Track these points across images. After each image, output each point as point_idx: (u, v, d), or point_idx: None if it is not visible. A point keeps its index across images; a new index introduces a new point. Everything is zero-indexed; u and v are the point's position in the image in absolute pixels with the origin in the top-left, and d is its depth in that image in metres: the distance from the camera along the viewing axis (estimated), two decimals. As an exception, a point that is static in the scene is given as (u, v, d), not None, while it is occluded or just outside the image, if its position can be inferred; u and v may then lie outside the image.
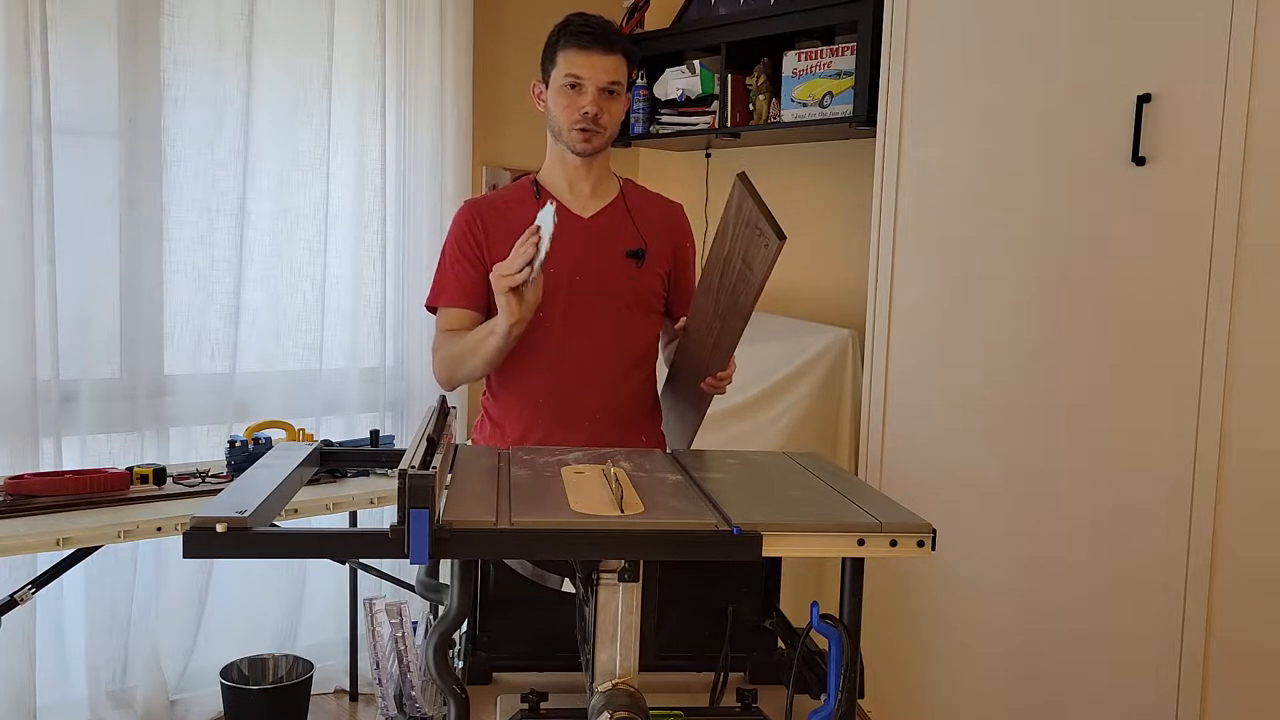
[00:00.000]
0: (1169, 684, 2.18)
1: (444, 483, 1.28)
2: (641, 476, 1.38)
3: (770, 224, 1.45)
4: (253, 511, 1.10)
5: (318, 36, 3.08)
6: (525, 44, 3.61)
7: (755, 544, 1.15)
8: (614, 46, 1.91)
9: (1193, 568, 2.14)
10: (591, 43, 1.90)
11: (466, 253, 1.98)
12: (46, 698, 2.80)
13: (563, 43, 1.93)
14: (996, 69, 2.45)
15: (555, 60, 1.94)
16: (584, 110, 1.91)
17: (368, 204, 3.24)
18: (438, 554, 1.10)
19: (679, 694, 1.42)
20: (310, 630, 3.28)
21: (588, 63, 1.90)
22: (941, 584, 2.61)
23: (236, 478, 1.30)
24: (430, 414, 1.43)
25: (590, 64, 1.90)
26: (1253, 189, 2.04)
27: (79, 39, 2.72)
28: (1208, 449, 2.11)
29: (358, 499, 2.62)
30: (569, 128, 1.94)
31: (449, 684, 1.19)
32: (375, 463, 1.80)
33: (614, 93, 1.93)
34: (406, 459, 1.18)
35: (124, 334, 2.85)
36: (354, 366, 3.26)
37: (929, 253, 2.61)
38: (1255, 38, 2.01)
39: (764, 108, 3.28)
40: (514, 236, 1.95)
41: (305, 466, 1.42)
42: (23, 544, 2.15)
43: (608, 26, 1.93)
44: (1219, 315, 2.09)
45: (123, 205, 2.81)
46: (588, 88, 1.91)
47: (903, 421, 2.69)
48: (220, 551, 1.07)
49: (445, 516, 1.13)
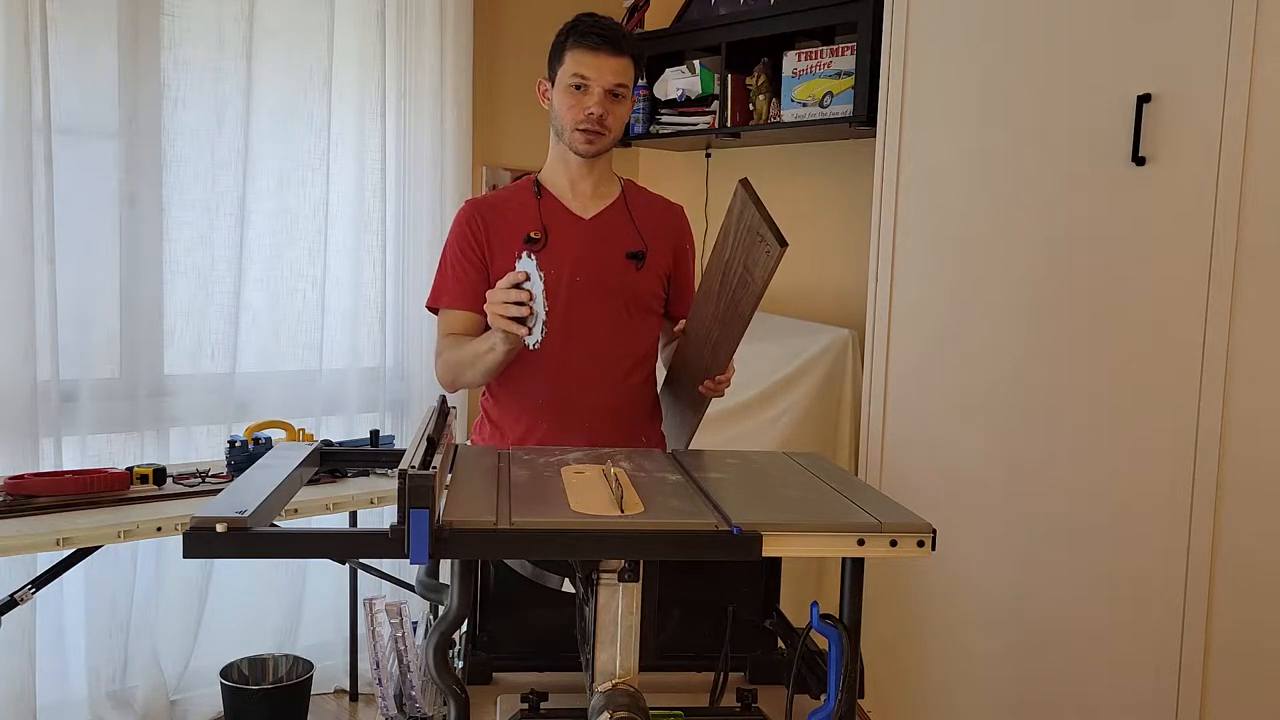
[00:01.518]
0: (1169, 684, 2.18)
1: (444, 483, 1.28)
2: (641, 476, 1.38)
3: (772, 230, 1.45)
4: (253, 511, 1.10)
5: (318, 36, 3.08)
6: (525, 44, 3.61)
7: (755, 544, 1.15)
8: (622, 49, 1.91)
9: (1193, 568, 2.14)
10: (600, 44, 1.89)
11: (467, 253, 1.98)
12: (46, 698, 2.79)
13: (571, 42, 1.92)
14: (996, 69, 2.45)
15: (563, 59, 1.93)
16: (589, 111, 1.91)
17: (368, 204, 3.24)
18: (438, 554, 1.10)
19: (679, 694, 1.42)
20: (310, 630, 3.28)
21: (595, 64, 1.89)
22: (941, 584, 2.61)
23: (236, 478, 1.30)
24: (430, 414, 1.43)
25: (597, 65, 1.89)
26: (1253, 189, 2.04)
27: (79, 39, 2.72)
28: (1208, 449, 2.11)
29: (358, 499, 2.62)
30: (573, 128, 1.93)
31: (449, 684, 1.19)
32: (375, 463, 1.80)
33: (619, 95, 1.93)
34: (406, 459, 1.18)
35: (124, 334, 2.85)
36: (354, 366, 3.26)
37: (929, 253, 2.61)
38: (1255, 38, 2.01)
39: (764, 108, 3.28)
40: (515, 236, 1.95)
41: (305, 466, 1.42)
42: (23, 544, 2.15)
43: (617, 28, 1.93)
44: (1219, 315, 2.09)
45: (123, 205, 2.81)
46: (594, 89, 1.90)
47: (903, 421, 2.69)
48: (220, 551, 1.07)
49: (445, 516, 1.13)
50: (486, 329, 1.84)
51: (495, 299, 1.72)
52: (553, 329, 1.84)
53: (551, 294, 1.79)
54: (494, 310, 1.73)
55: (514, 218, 1.98)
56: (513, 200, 2.02)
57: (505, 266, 1.83)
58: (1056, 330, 2.35)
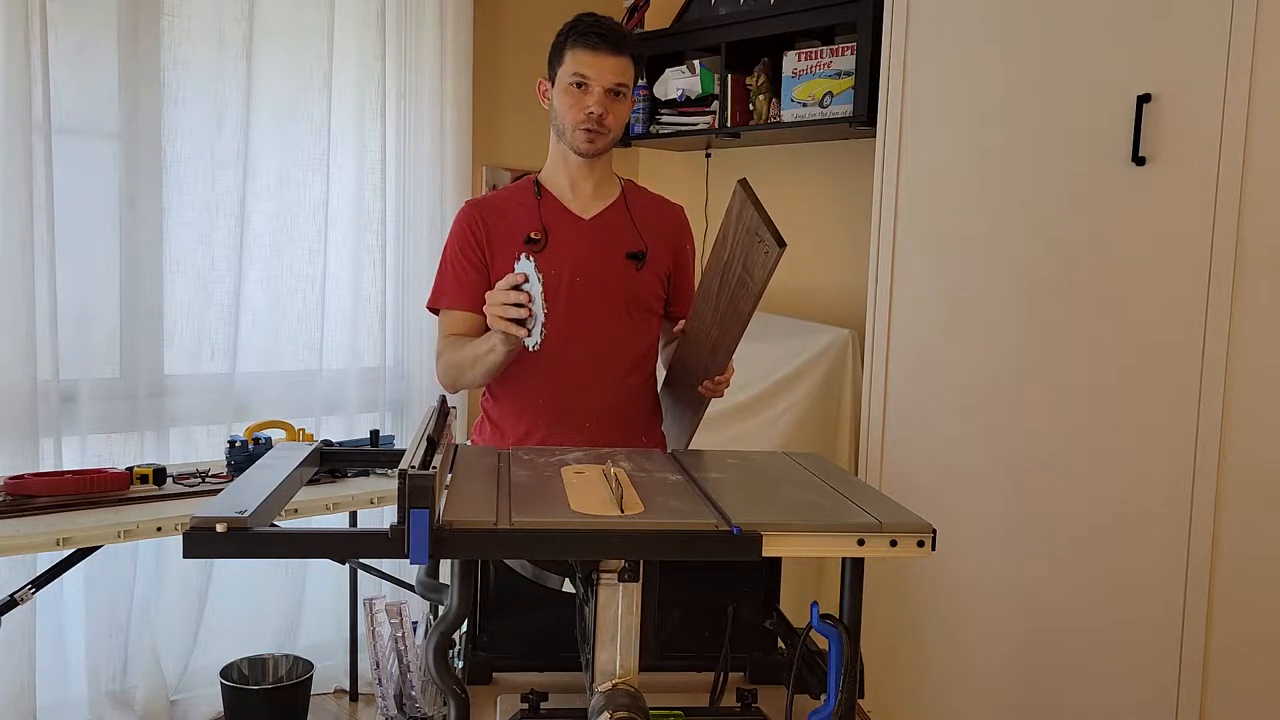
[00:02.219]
0: (1169, 684, 2.18)
1: (444, 483, 1.28)
2: (641, 476, 1.38)
3: (770, 231, 1.45)
4: (253, 512, 1.10)
5: (318, 36, 3.08)
6: (525, 44, 3.61)
7: (755, 544, 1.15)
8: (622, 48, 1.91)
9: (1193, 567, 2.14)
10: (600, 43, 1.89)
11: (468, 254, 1.98)
12: (46, 698, 2.79)
13: (571, 42, 1.92)
14: (996, 69, 2.45)
15: (563, 59, 1.93)
16: (589, 110, 1.91)
17: (368, 204, 3.24)
18: (438, 554, 1.10)
19: (679, 694, 1.42)
20: (310, 630, 3.28)
21: (595, 63, 1.89)
22: (941, 584, 2.61)
23: (236, 478, 1.30)
24: (430, 414, 1.43)
25: (598, 65, 1.89)
26: (1253, 189, 2.04)
27: (79, 39, 2.72)
28: (1208, 449, 2.11)
29: (358, 499, 2.62)
30: (574, 128, 1.93)
31: (449, 684, 1.18)
32: (375, 463, 1.80)
33: (620, 94, 1.93)
34: (406, 459, 1.17)
35: (124, 334, 2.85)
36: (354, 366, 3.26)
37: (929, 253, 2.61)
38: (1255, 38, 2.01)
39: (764, 108, 3.28)
40: (515, 237, 1.95)
41: (305, 466, 1.42)
42: (23, 544, 2.15)
43: (617, 28, 1.93)
44: (1219, 315, 2.09)
45: (123, 205, 2.81)
46: (594, 88, 1.90)
47: (903, 421, 2.69)
48: (220, 551, 1.07)
49: (445, 516, 1.13)
50: (487, 330, 1.83)
51: (495, 300, 1.72)
52: (552, 330, 1.83)
53: (551, 294, 1.78)
54: (493, 312, 1.72)
55: (514, 218, 1.98)
56: (513, 200, 2.02)
57: (505, 267, 1.83)
58: (1056, 330, 2.35)
